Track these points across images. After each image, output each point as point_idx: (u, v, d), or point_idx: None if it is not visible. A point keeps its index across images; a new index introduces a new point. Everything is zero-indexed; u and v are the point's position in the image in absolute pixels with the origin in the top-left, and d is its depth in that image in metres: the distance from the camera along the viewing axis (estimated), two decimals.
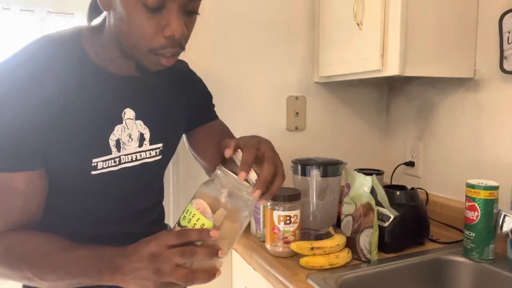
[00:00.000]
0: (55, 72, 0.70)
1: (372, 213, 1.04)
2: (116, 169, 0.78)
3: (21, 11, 1.13)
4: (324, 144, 1.52)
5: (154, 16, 0.65)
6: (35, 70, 0.69)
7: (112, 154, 0.77)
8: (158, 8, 0.64)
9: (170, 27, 0.65)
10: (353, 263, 1.04)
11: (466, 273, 1.05)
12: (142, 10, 0.64)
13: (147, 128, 0.82)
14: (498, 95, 1.18)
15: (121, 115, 0.78)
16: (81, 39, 0.74)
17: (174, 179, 1.30)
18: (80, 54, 0.73)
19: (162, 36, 0.66)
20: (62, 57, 0.71)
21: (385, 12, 1.13)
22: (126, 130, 0.78)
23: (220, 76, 1.33)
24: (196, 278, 0.61)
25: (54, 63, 0.70)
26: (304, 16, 1.45)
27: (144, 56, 0.69)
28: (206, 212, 0.63)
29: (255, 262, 1.11)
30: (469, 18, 1.20)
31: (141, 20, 0.65)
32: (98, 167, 0.75)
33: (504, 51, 1.11)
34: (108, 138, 0.76)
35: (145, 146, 0.82)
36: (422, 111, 1.44)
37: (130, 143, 0.79)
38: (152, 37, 0.66)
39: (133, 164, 0.81)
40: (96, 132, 0.74)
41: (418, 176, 1.46)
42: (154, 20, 0.65)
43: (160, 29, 0.66)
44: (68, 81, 0.70)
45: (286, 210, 1.07)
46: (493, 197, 1.01)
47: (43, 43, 0.73)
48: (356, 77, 1.27)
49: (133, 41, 0.68)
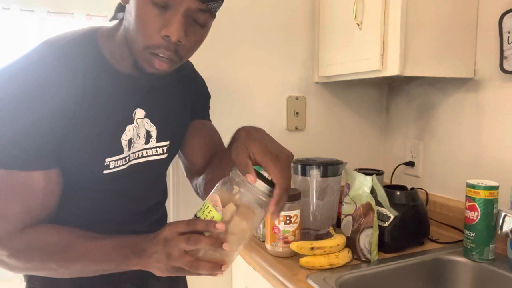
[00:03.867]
0: (72, 73, 0.70)
1: (372, 213, 1.04)
2: (125, 167, 0.80)
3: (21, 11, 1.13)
4: (324, 144, 1.52)
5: (159, 15, 0.66)
6: (52, 70, 0.69)
7: (124, 153, 0.78)
8: (163, 6, 0.65)
9: (167, 27, 0.66)
10: (353, 263, 1.04)
11: (466, 273, 1.05)
12: (149, 6, 0.65)
13: (153, 126, 0.83)
14: (498, 95, 1.18)
15: (132, 115, 0.79)
16: (97, 39, 0.75)
17: (174, 179, 1.30)
18: (95, 54, 0.74)
19: (159, 36, 0.67)
20: (78, 57, 0.72)
21: (385, 12, 1.13)
22: (136, 129, 0.80)
23: (220, 76, 1.33)
24: (200, 266, 0.63)
25: (70, 64, 0.71)
26: (304, 16, 1.45)
27: (139, 53, 0.70)
28: (217, 205, 0.66)
29: (255, 262, 1.11)
30: (469, 18, 1.20)
31: (146, 15, 0.66)
32: (110, 166, 0.76)
33: (504, 51, 1.11)
34: (120, 138, 0.77)
35: (152, 144, 0.84)
36: (422, 111, 1.44)
37: (137, 141, 0.81)
38: (150, 34, 0.67)
39: (140, 161, 0.82)
40: (109, 132, 0.75)
41: (418, 176, 1.46)
42: (158, 19, 0.66)
43: (160, 28, 0.66)
44: (84, 81, 0.71)
45: (286, 210, 1.07)
46: (493, 197, 1.01)
47: (58, 43, 0.73)
48: (356, 77, 1.27)
49: (134, 36, 0.69)
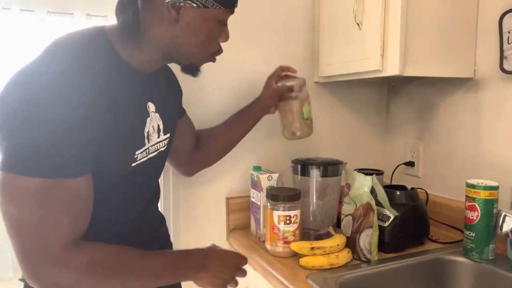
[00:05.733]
0: (98, 70, 0.71)
1: (372, 213, 1.04)
2: (146, 160, 0.83)
3: (21, 11, 1.14)
4: (324, 144, 1.52)
5: (219, 28, 0.84)
6: (82, 69, 0.69)
7: (146, 146, 0.82)
8: (224, 23, 0.85)
9: (225, 36, 0.87)
10: (353, 263, 1.04)
11: (466, 273, 1.05)
12: (216, 25, 0.82)
13: (161, 120, 0.88)
14: (498, 95, 1.18)
15: (147, 108, 0.83)
16: (109, 37, 0.77)
17: (174, 180, 1.30)
18: (112, 54, 0.77)
19: (217, 43, 0.86)
20: (101, 56, 0.74)
21: (385, 12, 1.12)
22: (151, 122, 0.84)
23: (220, 76, 1.33)
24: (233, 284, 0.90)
25: (94, 62, 0.72)
26: (304, 16, 1.45)
27: (201, 59, 0.86)
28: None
29: (255, 262, 1.11)
30: (469, 18, 1.20)
31: (213, 32, 0.83)
32: (137, 158, 0.79)
33: (504, 51, 1.11)
34: (143, 130, 0.81)
35: (161, 137, 0.88)
36: (422, 111, 1.44)
37: (153, 134, 0.85)
38: (213, 45, 0.86)
39: (154, 154, 0.86)
40: (135, 126, 0.79)
41: (418, 176, 1.46)
42: (218, 30, 0.84)
43: (217, 37, 0.85)
44: (109, 78, 0.73)
45: (286, 210, 1.07)
46: (493, 197, 1.01)
47: (72, 42, 0.73)
48: (356, 77, 1.27)
49: (197, 48, 0.83)
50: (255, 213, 1.26)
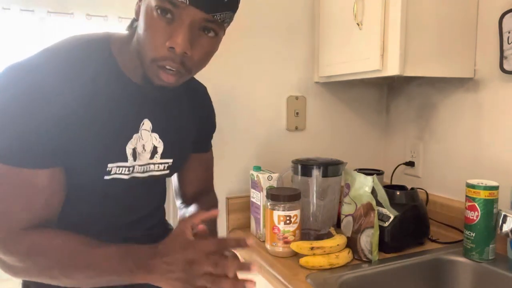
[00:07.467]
0: (83, 72, 0.70)
1: (373, 213, 1.04)
2: (127, 178, 0.79)
3: (21, 11, 1.14)
4: (324, 144, 1.52)
5: (165, 27, 0.66)
6: (63, 68, 0.69)
7: (128, 163, 0.78)
8: (169, 18, 0.66)
9: (172, 39, 0.66)
10: (353, 263, 1.04)
11: (466, 273, 1.05)
12: (156, 18, 0.66)
13: (161, 142, 0.83)
14: (498, 95, 1.18)
15: (139, 124, 0.78)
16: (110, 45, 0.76)
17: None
18: (108, 59, 0.74)
19: (165, 48, 0.67)
20: (92, 59, 0.72)
21: (385, 12, 1.13)
22: (141, 140, 0.79)
23: (220, 76, 1.33)
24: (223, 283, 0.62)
25: (82, 63, 0.71)
26: (304, 16, 1.45)
27: (147, 66, 0.70)
28: None
29: (255, 262, 1.11)
30: (469, 18, 1.20)
31: (153, 27, 0.67)
32: (111, 172, 0.76)
33: (504, 51, 1.11)
34: (125, 145, 0.77)
35: (156, 159, 0.83)
36: (422, 111, 1.44)
37: (143, 154, 0.80)
38: (156, 46, 0.67)
39: (142, 175, 0.82)
40: (114, 137, 0.75)
41: (418, 176, 1.46)
42: (164, 31, 0.66)
43: (166, 40, 0.67)
44: (94, 83, 0.71)
45: (286, 210, 1.07)
46: (493, 197, 1.01)
47: (73, 43, 0.73)
48: (356, 77, 1.27)
49: (142, 48, 0.69)
50: (255, 213, 1.26)
